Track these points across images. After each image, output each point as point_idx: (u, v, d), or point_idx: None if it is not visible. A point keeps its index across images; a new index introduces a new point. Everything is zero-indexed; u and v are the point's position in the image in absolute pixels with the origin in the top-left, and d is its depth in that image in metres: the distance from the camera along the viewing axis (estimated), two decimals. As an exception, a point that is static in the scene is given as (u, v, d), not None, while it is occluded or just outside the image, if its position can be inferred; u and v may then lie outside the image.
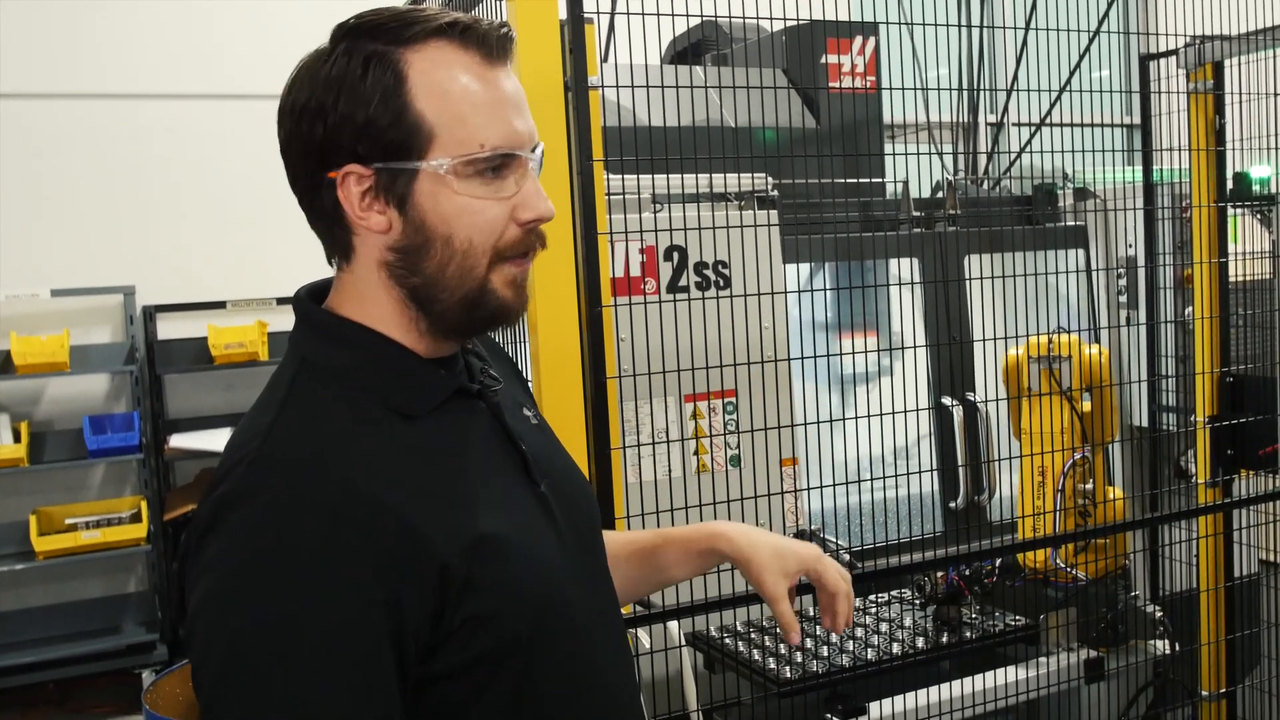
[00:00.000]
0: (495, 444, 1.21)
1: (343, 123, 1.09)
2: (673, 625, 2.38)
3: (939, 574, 2.74)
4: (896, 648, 2.61)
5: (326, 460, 1.06)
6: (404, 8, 1.15)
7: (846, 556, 2.77)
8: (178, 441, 5.49)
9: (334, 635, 1.00)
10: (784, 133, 3.34)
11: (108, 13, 5.59)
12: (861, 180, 3.37)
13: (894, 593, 2.98)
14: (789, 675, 2.47)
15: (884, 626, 2.74)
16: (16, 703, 5.22)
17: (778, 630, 2.73)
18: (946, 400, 3.19)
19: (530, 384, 2.12)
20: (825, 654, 2.57)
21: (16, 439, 5.21)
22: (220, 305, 5.70)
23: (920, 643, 2.64)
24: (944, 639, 2.67)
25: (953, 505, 3.21)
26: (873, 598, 2.96)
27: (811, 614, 2.87)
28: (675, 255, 2.77)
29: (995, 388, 3.01)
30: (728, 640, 2.67)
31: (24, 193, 5.49)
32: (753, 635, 2.69)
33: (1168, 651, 2.88)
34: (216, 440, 5.50)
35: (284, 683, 0.99)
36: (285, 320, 5.71)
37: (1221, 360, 3.16)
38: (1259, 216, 3.50)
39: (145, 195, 5.68)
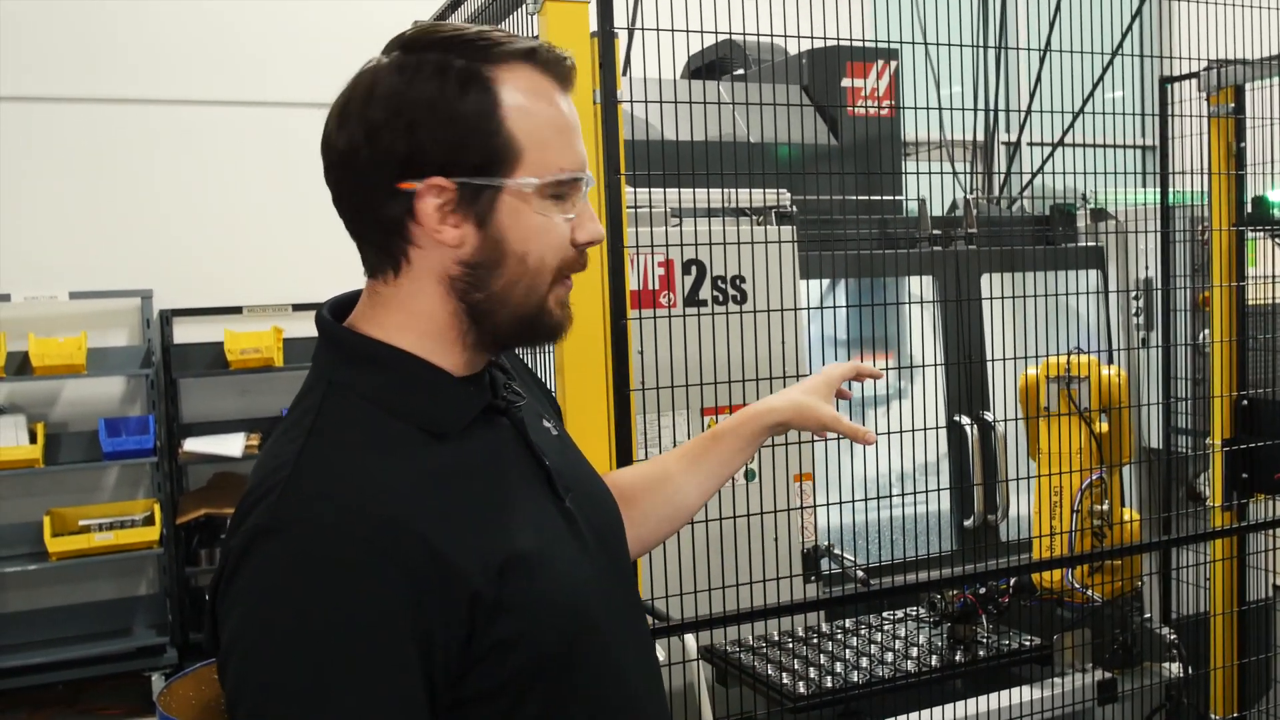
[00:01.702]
0: (520, 460, 1.21)
1: (436, 136, 1.10)
2: (689, 639, 2.39)
3: (953, 592, 2.74)
4: (910, 665, 2.61)
5: (356, 490, 1.06)
6: (478, 27, 1.16)
7: (860, 574, 2.78)
8: (192, 445, 5.52)
9: (367, 666, 1.00)
10: (803, 149, 3.36)
11: (129, 18, 5.64)
12: (879, 198, 3.39)
13: (908, 610, 2.99)
14: (802, 690, 2.47)
15: (897, 644, 2.75)
16: (26, 703, 5.23)
17: (791, 645, 2.74)
18: (962, 419, 3.20)
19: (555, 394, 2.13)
20: (839, 670, 2.57)
21: (32, 440, 5.24)
22: (237, 310, 5.73)
23: (934, 661, 2.65)
24: (957, 657, 2.67)
25: (967, 524, 3.21)
26: (887, 614, 2.96)
27: (824, 629, 2.87)
28: (694, 269, 2.78)
29: (1011, 407, 3.02)
30: (742, 655, 2.67)
31: (44, 195, 5.53)
32: (767, 650, 2.70)
33: (1180, 675, 2.88)
34: (230, 445, 5.53)
35: (319, 713, 1.00)
36: (301, 327, 5.74)
37: (1238, 384, 3.16)
38: (1277, 241, 3.51)
39: (164, 200, 5.72)
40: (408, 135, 1.10)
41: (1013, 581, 2.78)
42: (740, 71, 3.89)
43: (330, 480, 1.06)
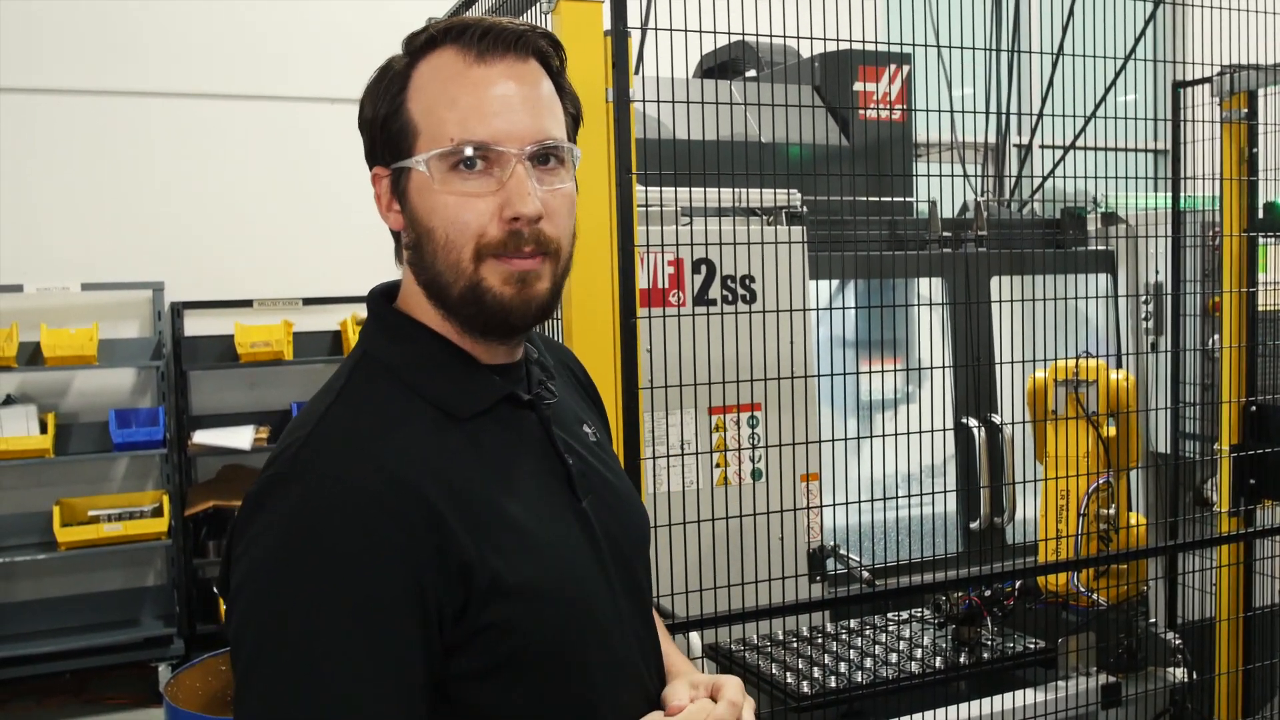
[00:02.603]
0: (540, 455, 1.22)
1: (366, 128, 1.20)
2: (693, 637, 2.39)
3: (958, 594, 2.74)
4: (914, 666, 2.61)
5: (369, 448, 1.10)
6: (465, 18, 1.18)
7: (866, 574, 2.79)
8: (201, 438, 5.54)
9: (365, 617, 1.03)
10: (814, 149, 3.36)
11: (143, 11, 5.66)
12: (889, 199, 3.39)
13: (913, 611, 2.99)
14: (806, 690, 2.48)
15: (902, 645, 2.75)
16: (33, 691, 5.26)
17: (795, 645, 2.74)
18: (969, 421, 3.20)
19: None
20: (843, 670, 2.58)
21: (43, 430, 5.26)
22: (247, 304, 5.75)
23: (938, 662, 2.65)
24: (961, 659, 2.68)
25: (973, 526, 3.21)
26: (891, 615, 2.96)
27: (829, 629, 2.88)
28: (703, 268, 2.79)
29: (1019, 410, 3.02)
30: (746, 654, 2.68)
31: (57, 187, 5.55)
32: (771, 649, 2.70)
33: (1185, 680, 2.88)
34: (239, 438, 5.55)
35: (315, 659, 1.02)
36: (311, 321, 5.76)
37: (1247, 390, 3.16)
38: (1288, 247, 3.50)
39: (176, 192, 5.74)
40: (363, 130, 1.20)
41: (1018, 584, 2.79)
42: (752, 73, 3.89)
43: (345, 438, 1.11)
